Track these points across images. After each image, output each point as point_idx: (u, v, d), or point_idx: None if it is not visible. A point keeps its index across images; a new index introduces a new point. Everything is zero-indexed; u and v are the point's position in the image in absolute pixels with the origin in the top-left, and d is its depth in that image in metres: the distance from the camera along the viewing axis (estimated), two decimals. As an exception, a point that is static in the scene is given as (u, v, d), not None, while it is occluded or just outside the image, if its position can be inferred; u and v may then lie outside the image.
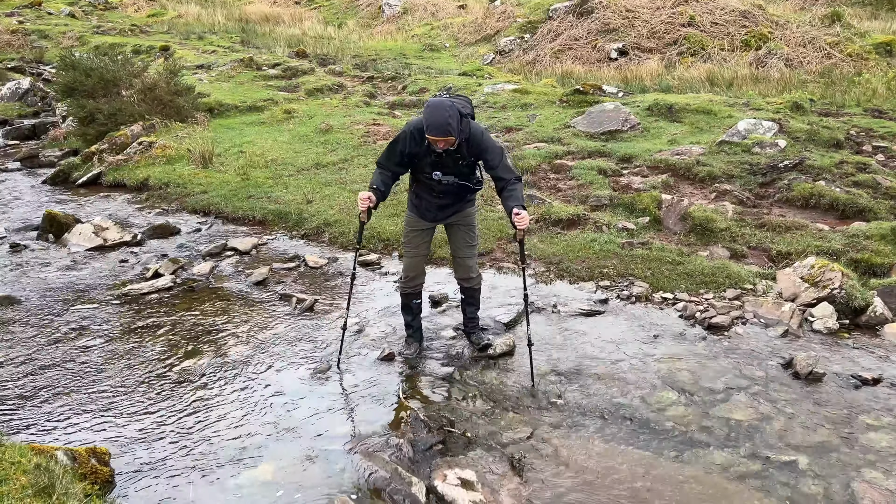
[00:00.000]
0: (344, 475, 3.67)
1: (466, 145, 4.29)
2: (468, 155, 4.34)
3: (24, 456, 3.02)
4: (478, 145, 4.31)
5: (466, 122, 4.25)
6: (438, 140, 4.14)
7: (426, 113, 4.14)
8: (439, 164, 4.37)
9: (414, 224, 4.77)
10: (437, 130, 4.09)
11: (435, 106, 4.12)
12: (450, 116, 4.08)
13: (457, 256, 4.86)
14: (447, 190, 4.51)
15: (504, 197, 4.37)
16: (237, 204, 8.36)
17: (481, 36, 19.55)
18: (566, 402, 4.37)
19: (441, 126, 4.07)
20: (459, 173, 4.42)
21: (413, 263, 4.83)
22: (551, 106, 12.01)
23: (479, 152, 4.34)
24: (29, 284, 6.28)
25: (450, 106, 4.12)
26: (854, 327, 5.32)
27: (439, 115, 4.08)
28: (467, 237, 4.79)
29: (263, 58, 17.21)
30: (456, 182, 4.44)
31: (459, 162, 4.36)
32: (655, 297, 5.81)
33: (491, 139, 4.40)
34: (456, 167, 4.39)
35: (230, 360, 4.90)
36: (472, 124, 4.32)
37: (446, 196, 4.57)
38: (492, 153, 4.33)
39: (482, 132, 4.34)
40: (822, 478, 3.66)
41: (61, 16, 25.62)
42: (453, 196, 4.57)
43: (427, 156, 4.34)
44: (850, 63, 13.63)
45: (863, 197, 7.46)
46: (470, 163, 4.40)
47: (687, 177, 8.48)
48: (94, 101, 11.28)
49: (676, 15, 16.02)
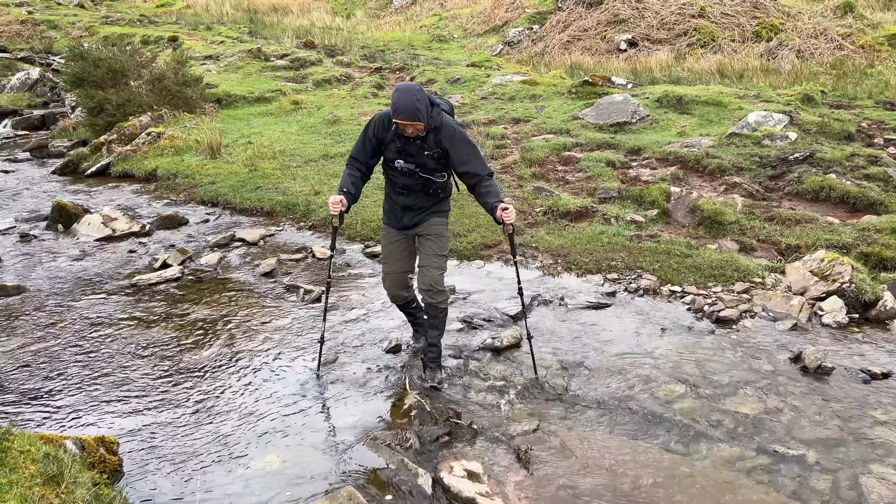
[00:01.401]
0: (350, 466, 3.67)
1: (435, 134, 4.09)
2: (435, 145, 4.12)
3: (34, 445, 3.04)
4: (449, 137, 4.10)
5: (438, 112, 4.09)
6: (406, 125, 3.96)
7: (394, 96, 3.96)
8: (403, 152, 4.17)
9: (386, 236, 4.56)
10: (405, 114, 3.90)
11: (404, 90, 3.96)
12: (418, 101, 3.91)
13: (420, 265, 4.47)
14: (409, 185, 4.28)
15: (480, 193, 4.16)
16: (245, 195, 8.38)
17: (490, 27, 19.47)
18: (573, 394, 4.37)
19: (408, 109, 3.89)
20: (423, 164, 4.18)
21: (390, 280, 4.56)
22: (560, 97, 11.95)
23: (449, 144, 4.11)
24: (38, 274, 6.31)
25: (418, 90, 3.97)
26: (864, 321, 5.29)
27: (407, 98, 3.89)
28: (435, 246, 4.40)
29: (271, 48, 17.20)
30: (417, 172, 4.20)
31: (424, 152, 4.14)
32: (663, 289, 5.78)
33: (464, 134, 4.21)
34: (420, 156, 4.15)
35: (238, 350, 4.91)
36: (445, 117, 4.15)
37: (409, 193, 4.32)
38: (463, 146, 4.13)
39: (455, 125, 4.16)
40: (830, 472, 3.64)
41: (70, 6, 25.67)
42: (417, 194, 4.32)
43: (393, 141, 4.16)
44: (863, 55, 13.50)
45: (874, 190, 7.40)
46: (436, 154, 4.15)
47: (696, 169, 8.43)
48: (103, 92, 11.31)
49: (687, 6, 15.90)
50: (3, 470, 2.77)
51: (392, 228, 4.48)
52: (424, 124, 3.98)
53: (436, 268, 4.39)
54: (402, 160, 4.18)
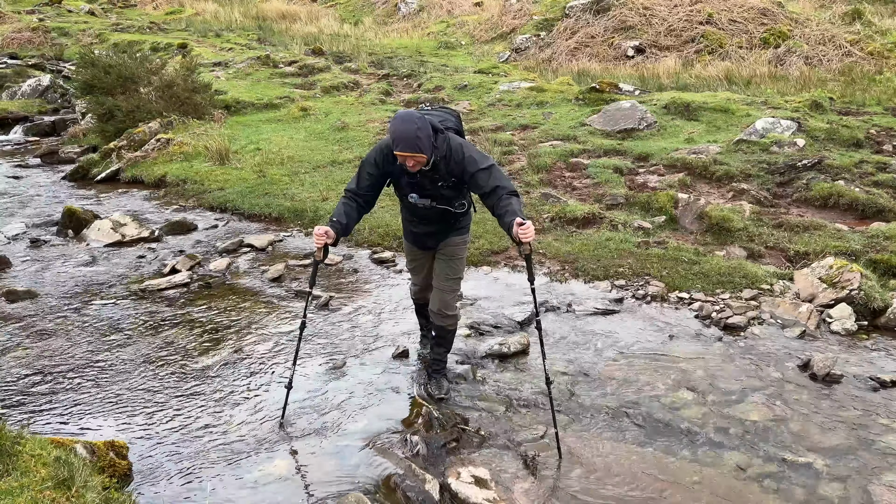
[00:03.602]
0: (358, 471, 3.68)
1: (444, 164, 3.75)
2: (448, 175, 3.78)
3: (44, 449, 3.06)
4: (459, 163, 3.73)
5: (443, 139, 3.73)
6: (406, 157, 3.62)
7: (392, 126, 3.64)
8: (416, 186, 3.85)
9: (409, 253, 4.48)
10: (405, 145, 3.57)
11: (402, 118, 3.62)
12: (418, 129, 3.56)
13: (435, 286, 4.30)
14: (427, 216, 4.02)
15: (499, 214, 3.68)
16: (253, 201, 8.42)
17: (497, 34, 19.51)
18: (580, 401, 4.36)
19: (409, 140, 3.55)
20: (438, 196, 3.87)
21: (419, 283, 4.58)
22: (567, 104, 11.96)
23: (461, 171, 3.75)
24: (48, 279, 6.36)
25: (419, 118, 3.62)
26: (873, 329, 5.27)
27: (407, 129, 3.56)
28: (448, 269, 4.21)
29: (280, 55, 17.29)
30: (434, 206, 3.91)
31: (438, 183, 3.82)
32: (671, 296, 5.78)
33: (476, 152, 3.81)
34: (434, 188, 3.84)
35: (246, 355, 4.93)
36: (452, 139, 3.79)
37: (428, 223, 4.09)
38: (476, 167, 3.73)
39: (463, 146, 3.78)
40: (838, 480, 3.63)
41: (81, 13, 25.90)
42: (436, 224, 4.08)
43: (402, 175, 3.83)
44: (871, 61, 13.47)
45: (883, 197, 7.37)
46: (451, 184, 3.83)
47: (704, 176, 8.42)
48: (113, 99, 11.40)
49: (694, 12, 15.90)
50: (14, 474, 2.79)
51: (413, 246, 4.40)
52: (427, 156, 3.65)
53: (448, 291, 4.25)
54: (415, 194, 3.90)
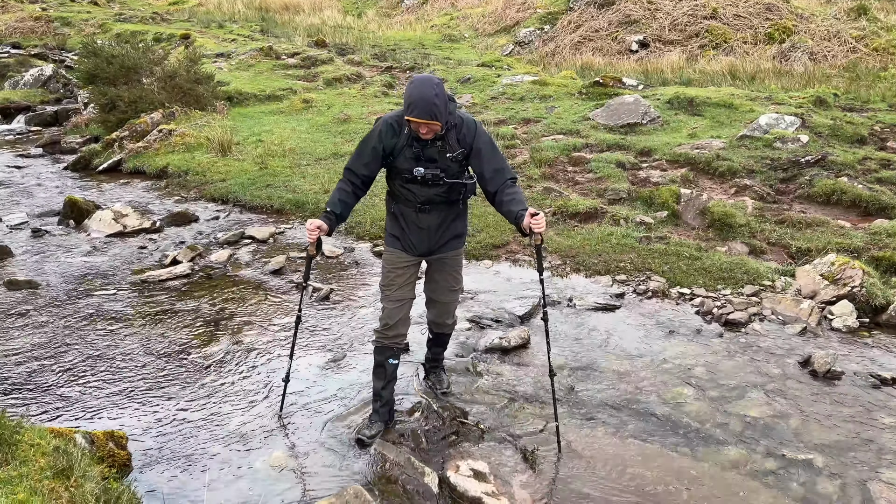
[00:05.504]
0: (357, 463, 3.69)
1: (456, 132, 3.58)
2: (458, 145, 3.60)
3: (44, 438, 3.06)
4: (472, 134, 3.60)
5: (455, 107, 3.60)
6: (421, 123, 3.40)
7: (408, 90, 3.41)
8: (422, 158, 3.59)
9: (395, 261, 3.85)
10: (420, 111, 3.34)
11: (420, 82, 3.41)
12: (436, 96, 3.35)
13: (437, 300, 4.06)
14: (432, 198, 3.69)
15: (503, 202, 3.59)
16: (255, 192, 8.41)
17: (501, 27, 19.45)
18: (580, 395, 4.36)
19: (425, 105, 3.34)
20: (446, 167, 3.62)
21: (394, 310, 3.84)
22: (570, 98, 11.93)
23: (471, 141, 3.60)
24: (50, 269, 6.36)
25: (437, 83, 3.41)
26: (874, 326, 5.26)
27: (424, 93, 3.35)
28: (451, 279, 4.00)
29: (283, 47, 17.25)
30: (442, 178, 3.61)
31: (447, 154, 3.59)
32: (672, 292, 5.77)
33: (486, 132, 3.72)
34: (443, 159, 3.60)
35: (246, 347, 4.93)
36: (465, 113, 3.67)
37: (433, 209, 3.72)
38: (487, 145, 3.64)
39: (476, 121, 3.68)
40: (838, 477, 3.62)
41: (83, 3, 25.85)
42: (441, 208, 3.74)
43: (407, 147, 3.59)
44: (876, 57, 13.40)
45: (886, 194, 7.35)
46: (459, 156, 3.62)
47: (706, 171, 8.39)
48: (116, 89, 11.38)
49: (699, 7, 15.83)
50: (13, 463, 2.79)
51: (402, 252, 3.84)
52: (441, 123, 3.45)
53: (452, 301, 4.12)
54: (422, 167, 3.59)
